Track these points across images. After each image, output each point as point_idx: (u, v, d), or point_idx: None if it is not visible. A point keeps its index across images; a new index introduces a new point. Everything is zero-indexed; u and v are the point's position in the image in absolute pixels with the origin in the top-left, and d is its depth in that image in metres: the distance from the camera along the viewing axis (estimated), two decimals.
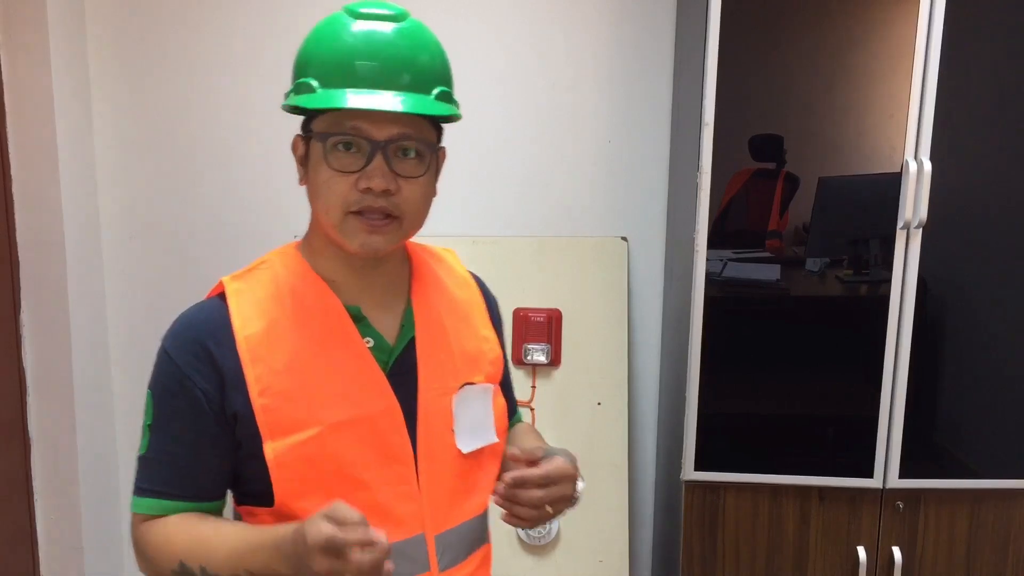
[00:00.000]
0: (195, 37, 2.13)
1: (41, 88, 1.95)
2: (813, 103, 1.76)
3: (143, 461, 1.03)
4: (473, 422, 1.08)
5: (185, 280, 2.22)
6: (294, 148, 1.04)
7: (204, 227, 2.20)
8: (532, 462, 1.03)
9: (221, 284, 1.06)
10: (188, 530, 1.00)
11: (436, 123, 1.03)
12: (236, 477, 1.04)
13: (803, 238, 1.80)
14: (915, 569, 1.87)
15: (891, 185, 1.74)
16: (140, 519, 1.04)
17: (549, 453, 1.05)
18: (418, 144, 0.98)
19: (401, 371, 1.04)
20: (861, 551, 1.85)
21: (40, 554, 2.09)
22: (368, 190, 0.95)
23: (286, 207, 2.19)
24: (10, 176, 1.97)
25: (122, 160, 2.17)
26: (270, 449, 0.97)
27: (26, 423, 2.05)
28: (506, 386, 1.23)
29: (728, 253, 1.82)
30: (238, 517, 1.07)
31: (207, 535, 0.99)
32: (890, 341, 1.77)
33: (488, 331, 1.16)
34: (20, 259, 2.00)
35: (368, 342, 1.03)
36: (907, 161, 1.72)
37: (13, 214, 1.98)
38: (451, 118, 1.04)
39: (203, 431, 1.00)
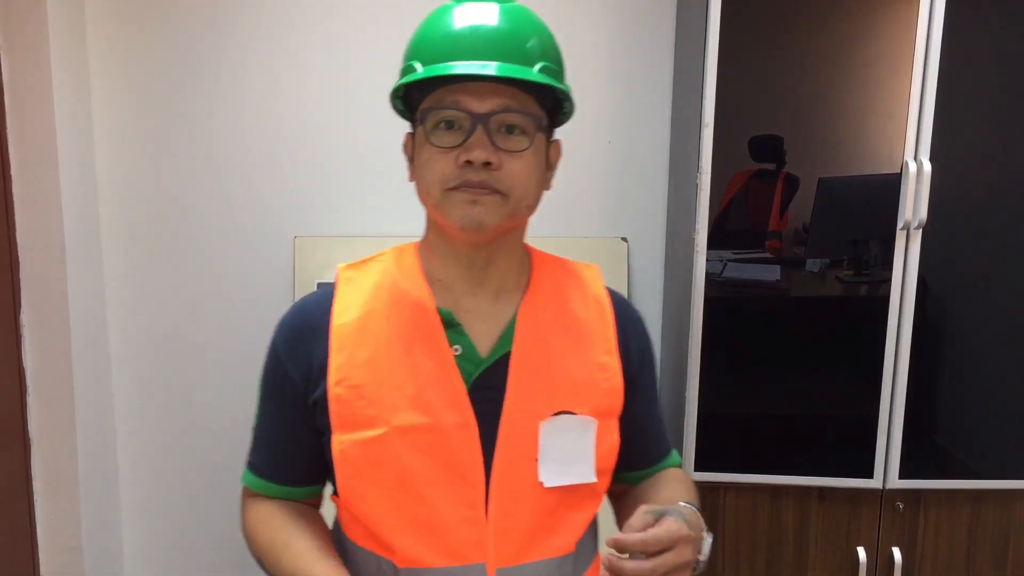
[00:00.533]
0: (195, 37, 2.13)
1: (41, 88, 1.94)
2: (813, 103, 1.76)
3: (254, 435, 1.08)
4: (563, 455, 0.98)
5: (185, 280, 2.22)
6: (405, 147, 1.04)
7: (204, 227, 2.20)
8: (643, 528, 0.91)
9: (338, 274, 1.06)
10: (271, 530, 1.02)
11: (546, 110, 0.99)
12: (326, 466, 1.04)
13: (803, 238, 1.80)
14: (915, 569, 1.87)
15: (891, 185, 1.74)
16: (246, 492, 1.09)
17: (661, 513, 0.92)
18: (521, 117, 0.94)
19: (488, 386, 0.98)
20: (861, 551, 1.85)
21: (40, 554, 2.09)
22: (468, 163, 0.92)
23: (286, 207, 2.19)
24: (10, 176, 1.97)
25: (122, 160, 2.17)
26: (336, 441, 0.96)
27: (26, 423, 2.05)
28: (644, 426, 1.11)
29: (728, 253, 1.82)
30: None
31: (279, 544, 1.00)
32: (890, 341, 1.77)
33: (609, 358, 1.04)
34: (20, 259, 2.00)
35: (456, 350, 0.98)
36: (907, 161, 1.72)
37: (13, 214, 1.98)
38: (561, 108, 1.01)
39: (293, 418, 1.02)
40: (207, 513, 2.29)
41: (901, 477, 1.81)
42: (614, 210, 2.22)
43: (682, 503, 1.00)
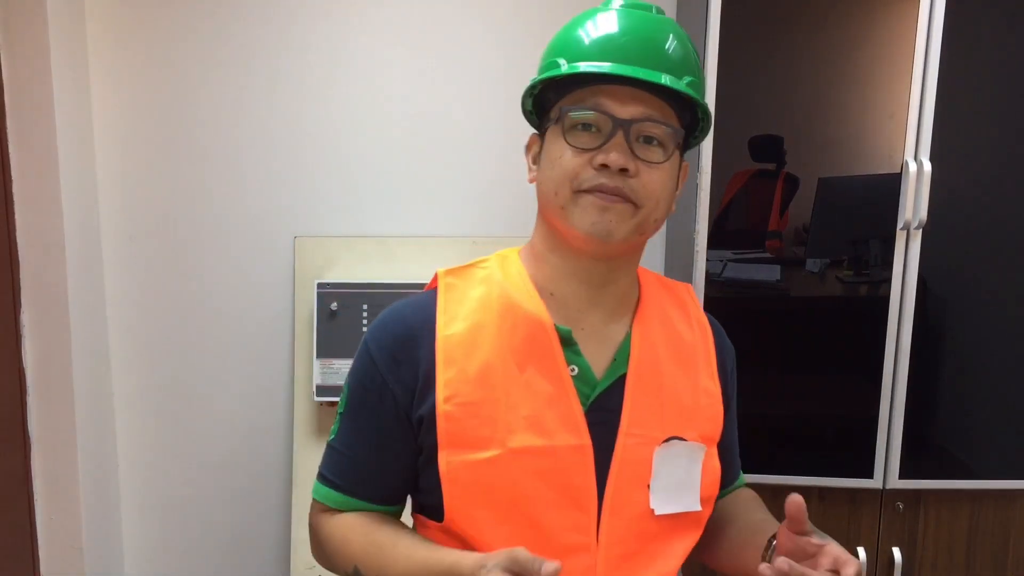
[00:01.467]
0: (195, 37, 2.13)
1: (41, 88, 1.94)
2: (813, 103, 1.76)
3: (330, 448, 1.01)
4: (675, 482, 0.95)
5: (185, 280, 2.22)
6: (528, 147, 1.00)
7: (204, 227, 2.20)
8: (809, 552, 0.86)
9: (436, 277, 1.00)
10: (367, 534, 0.96)
11: (684, 128, 0.96)
12: (415, 485, 0.99)
13: (803, 238, 1.80)
14: (915, 569, 1.87)
15: (891, 185, 1.74)
16: (319, 507, 1.01)
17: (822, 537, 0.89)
18: (663, 129, 0.91)
19: (603, 408, 0.94)
20: (861, 551, 1.85)
21: (40, 554, 2.09)
22: (604, 167, 0.88)
23: (286, 207, 2.19)
24: (10, 176, 1.97)
25: (122, 160, 2.17)
26: (444, 460, 0.91)
27: (26, 423, 2.05)
28: (728, 447, 1.09)
29: (728, 253, 1.82)
30: (413, 525, 1.03)
31: (384, 544, 0.94)
32: (890, 341, 1.77)
33: (711, 383, 1.03)
34: (20, 259, 2.00)
35: (572, 370, 0.94)
36: (907, 161, 1.72)
37: (13, 214, 1.98)
38: (700, 128, 0.98)
39: (389, 434, 0.96)
40: (207, 513, 2.29)
41: (901, 477, 1.81)
42: None
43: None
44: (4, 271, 1.98)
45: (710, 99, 1.74)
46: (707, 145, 1.76)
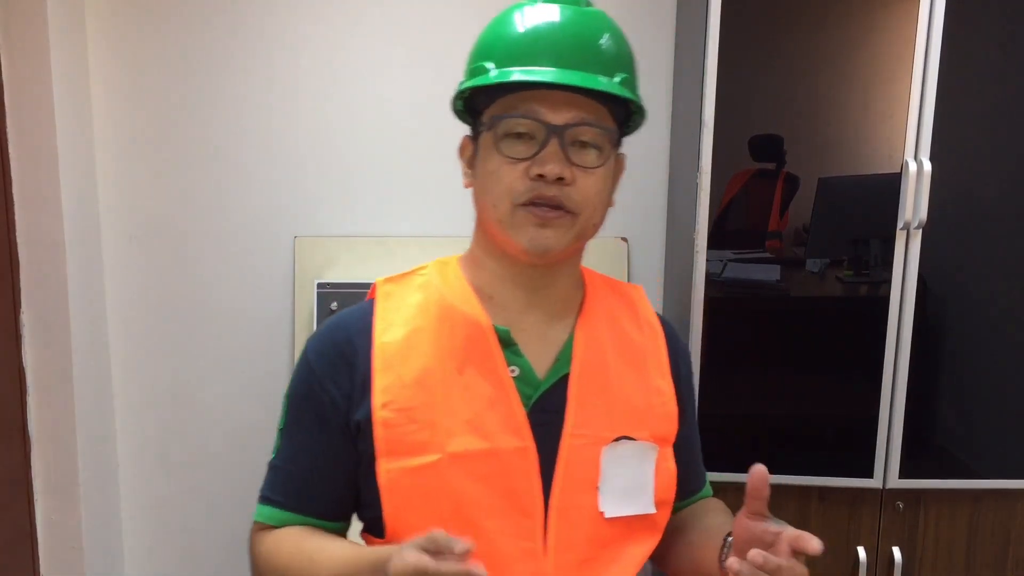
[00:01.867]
0: (195, 37, 2.13)
1: (41, 88, 1.94)
2: (813, 103, 1.76)
3: (271, 467, 0.97)
4: (626, 484, 0.93)
5: (185, 280, 2.22)
6: (462, 150, 0.98)
7: (204, 227, 2.20)
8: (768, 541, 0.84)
9: (374, 287, 0.99)
10: (295, 544, 0.92)
11: (617, 124, 0.94)
12: (358, 500, 0.95)
13: (803, 238, 1.80)
14: (915, 569, 1.87)
15: (891, 185, 1.74)
16: (257, 527, 0.98)
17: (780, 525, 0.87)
18: (598, 132, 0.89)
19: (546, 409, 0.92)
20: (861, 551, 1.85)
21: (40, 554, 2.09)
22: (540, 177, 0.86)
23: (286, 207, 2.19)
24: (10, 176, 1.97)
25: (122, 160, 2.17)
26: (382, 468, 0.89)
27: (26, 423, 2.05)
28: (688, 453, 1.06)
29: (728, 253, 1.82)
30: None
31: (311, 551, 0.91)
32: (890, 341, 1.77)
33: (663, 382, 1.00)
34: (20, 259, 2.00)
35: (513, 371, 0.92)
36: (907, 161, 1.72)
37: (13, 214, 1.98)
38: (634, 120, 0.96)
39: (329, 442, 0.93)
40: (207, 513, 2.29)
41: (901, 477, 1.81)
42: (614, 210, 2.19)
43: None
44: (4, 271, 1.98)
45: (710, 99, 1.74)
46: (707, 145, 1.76)
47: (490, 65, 0.90)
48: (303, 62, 2.14)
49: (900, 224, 1.73)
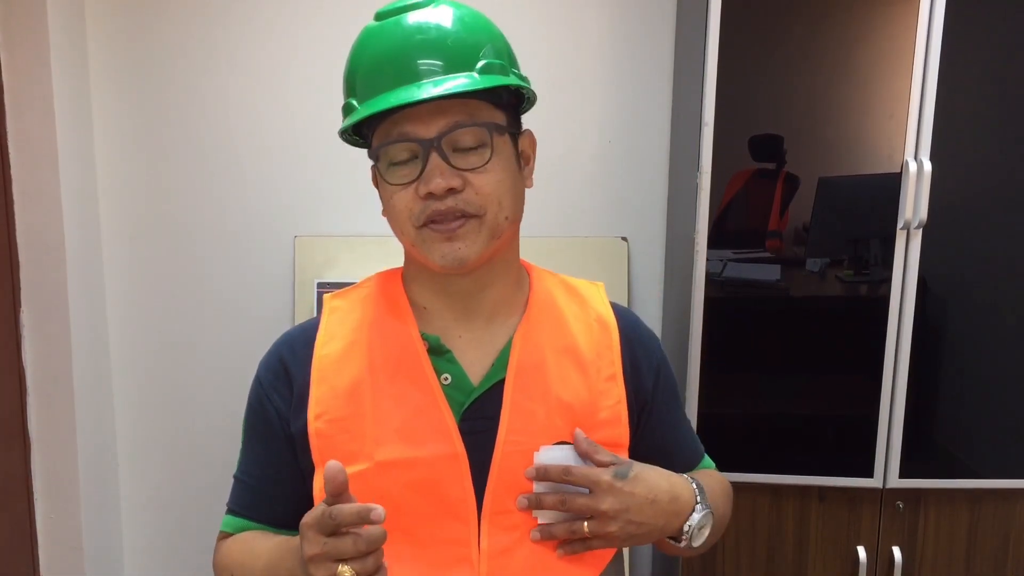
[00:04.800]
0: (195, 37, 2.13)
1: (41, 88, 1.94)
2: (813, 103, 1.76)
3: (234, 481, 1.03)
4: (559, 488, 0.90)
5: (185, 280, 2.22)
6: (374, 181, 0.98)
7: (204, 227, 2.20)
8: (597, 461, 0.89)
9: (324, 305, 1.00)
10: (245, 542, 0.97)
11: (505, 105, 0.92)
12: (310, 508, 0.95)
13: (803, 238, 1.80)
14: (915, 569, 1.87)
15: (891, 185, 1.74)
16: (221, 536, 1.03)
17: (615, 460, 0.90)
18: (475, 131, 0.87)
19: (480, 416, 0.91)
20: (861, 551, 1.85)
21: (40, 554, 2.09)
22: (430, 195, 0.86)
23: (286, 207, 2.19)
24: (10, 176, 1.97)
25: (122, 160, 2.17)
26: (317, 479, 0.90)
27: (26, 423, 2.05)
28: (672, 444, 1.04)
29: (728, 253, 1.82)
30: None
31: (256, 547, 0.94)
32: (890, 341, 1.77)
33: (611, 385, 0.96)
34: (20, 259, 2.00)
35: (445, 379, 0.91)
36: (907, 161, 1.72)
37: (13, 214, 1.98)
38: (527, 97, 0.94)
39: (276, 452, 0.95)
40: (207, 513, 2.29)
41: (901, 477, 1.81)
42: (614, 210, 2.22)
43: (684, 477, 0.95)
44: (4, 271, 1.98)
45: (710, 99, 1.74)
46: (707, 145, 1.76)
47: (354, 101, 0.90)
48: (303, 62, 2.14)
49: (900, 224, 1.73)
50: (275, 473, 0.97)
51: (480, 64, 0.87)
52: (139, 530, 2.31)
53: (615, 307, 1.04)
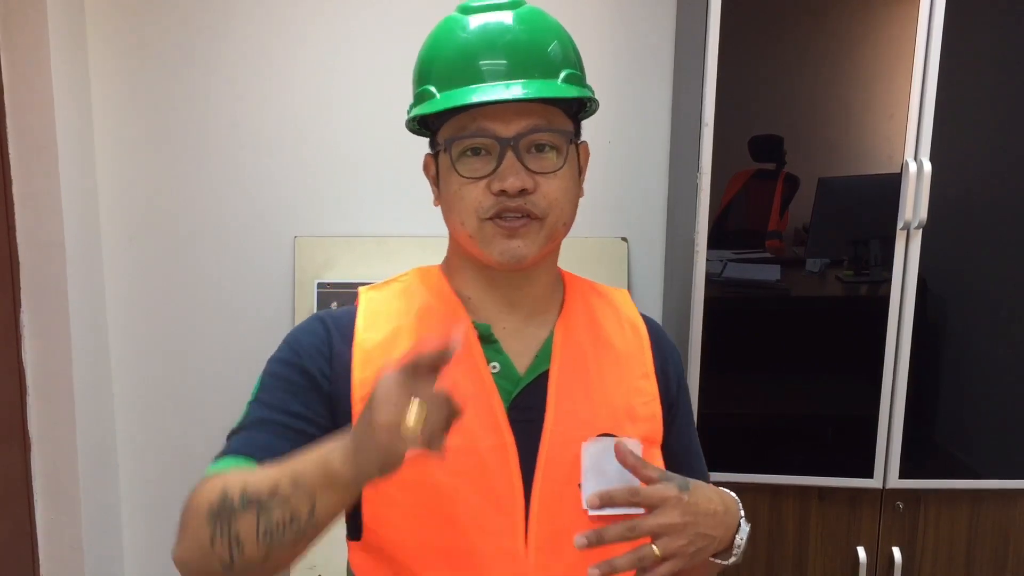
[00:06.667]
0: (195, 37, 2.13)
1: (41, 88, 1.94)
2: (813, 103, 1.76)
3: (230, 435, 0.92)
4: (608, 481, 0.89)
5: (185, 280, 2.22)
6: (426, 168, 0.99)
7: (204, 227, 2.20)
8: (644, 477, 0.87)
9: (358, 295, 0.99)
10: (237, 471, 0.84)
11: (572, 115, 0.95)
12: None
13: (803, 238, 1.80)
14: (915, 569, 1.87)
15: (891, 185, 1.74)
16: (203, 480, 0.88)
17: (665, 475, 0.88)
18: (552, 136, 0.90)
19: (527, 406, 0.92)
20: (861, 551, 1.85)
21: (40, 554, 2.09)
22: (502, 192, 0.87)
23: (286, 207, 2.19)
24: (10, 176, 1.97)
25: (122, 160, 2.17)
26: None
27: (26, 423, 2.05)
28: (684, 452, 1.05)
29: (728, 253, 1.82)
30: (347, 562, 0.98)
31: (254, 469, 0.83)
32: (890, 341, 1.77)
33: (647, 383, 0.99)
34: (20, 259, 2.00)
35: (494, 367, 0.92)
36: (907, 161, 1.72)
37: (13, 214, 1.98)
38: (585, 105, 0.97)
39: (308, 405, 0.90)
40: None
41: (901, 477, 1.81)
42: (614, 210, 2.22)
43: (719, 489, 0.95)
44: (4, 271, 1.98)
45: (710, 99, 1.74)
46: (707, 145, 1.76)
47: (434, 89, 0.91)
48: (303, 62, 2.14)
49: (900, 224, 1.73)
50: (305, 425, 0.89)
51: (563, 73, 0.91)
52: (139, 530, 2.31)
53: (642, 314, 1.07)
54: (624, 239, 2.19)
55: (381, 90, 2.15)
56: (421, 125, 0.98)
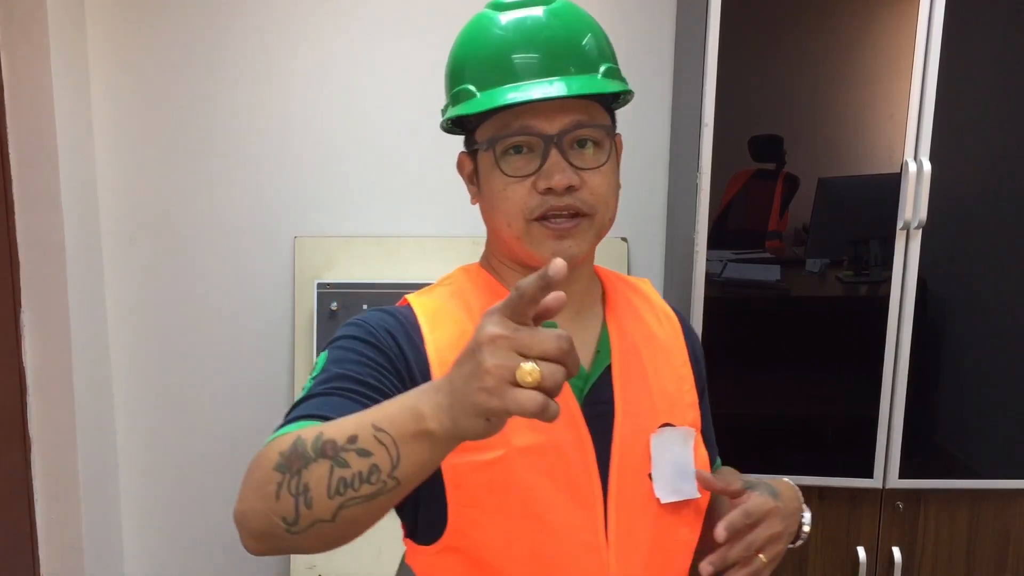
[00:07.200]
0: (195, 37, 2.13)
1: (41, 88, 1.94)
2: (813, 103, 1.76)
3: (292, 408, 0.82)
4: (673, 470, 0.93)
5: (185, 280, 2.22)
6: (460, 167, 0.98)
7: (204, 227, 2.20)
8: (733, 493, 0.91)
9: (405, 300, 0.96)
10: (314, 428, 0.73)
11: (608, 107, 0.94)
12: (407, 498, 0.86)
13: (803, 238, 1.80)
14: (915, 569, 1.87)
15: (891, 185, 1.74)
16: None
17: (749, 484, 0.93)
18: (594, 131, 0.89)
19: (597, 400, 0.92)
20: (861, 551, 1.85)
21: (40, 554, 2.09)
22: (549, 191, 0.87)
23: (286, 207, 2.19)
24: (10, 176, 1.97)
25: (122, 160, 2.17)
26: (448, 463, 0.82)
27: (26, 423, 2.05)
28: (706, 431, 1.07)
29: (728, 253, 1.82)
30: (403, 556, 0.97)
31: (329, 424, 0.74)
32: (890, 341, 1.77)
33: (686, 370, 1.02)
34: (20, 259, 2.00)
35: None
36: (907, 161, 1.72)
37: (13, 214, 1.98)
38: (622, 98, 0.96)
39: (383, 381, 0.84)
40: (207, 513, 2.29)
41: (901, 477, 1.81)
42: None
43: (774, 478, 0.98)
44: (4, 271, 1.98)
45: (710, 99, 1.74)
46: (707, 145, 1.76)
47: (472, 87, 0.90)
48: (303, 62, 2.14)
49: (900, 224, 1.73)
50: (371, 385, 0.83)
51: (603, 68, 0.90)
52: (139, 530, 2.31)
53: (667, 303, 1.09)
54: (624, 239, 2.19)
55: (381, 90, 2.15)
56: (455, 124, 0.97)
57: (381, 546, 2.06)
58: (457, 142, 1.01)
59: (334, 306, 2.06)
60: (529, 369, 0.61)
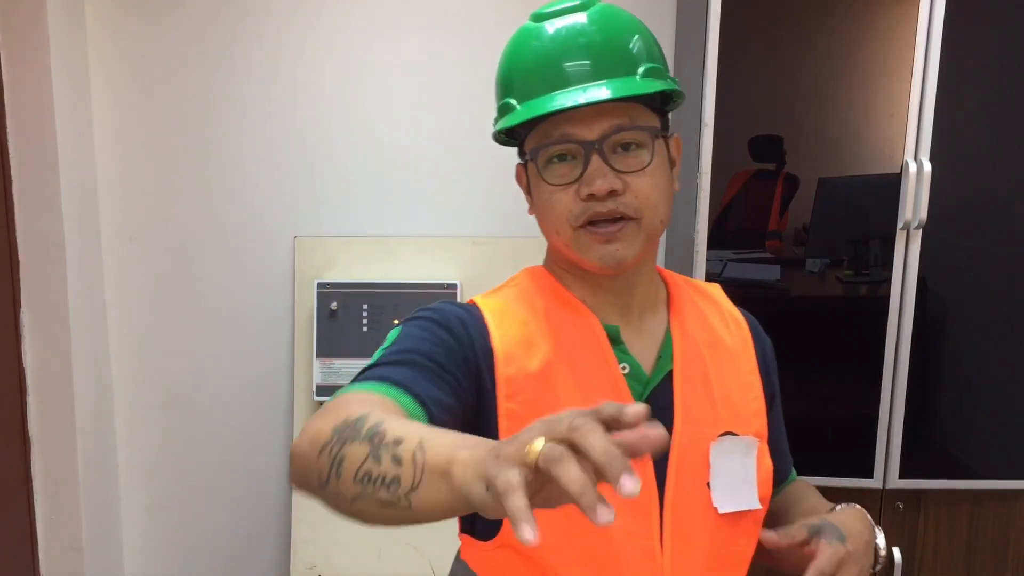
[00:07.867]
0: (195, 37, 2.13)
1: (41, 88, 1.94)
2: (813, 103, 1.76)
3: (364, 369, 0.85)
4: (733, 479, 0.92)
5: (185, 280, 2.22)
6: (518, 179, 0.99)
7: (204, 227, 2.20)
8: (799, 545, 0.89)
9: (472, 300, 0.97)
10: (378, 405, 0.76)
11: (657, 108, 0.93)
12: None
13: (803, 238, 1.80)
14: (915, 569, 1.87)
15: (891, 185, 1.74)
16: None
17: (815, 530, 0.89)
18: (636, 133, 0.88)
19: (656, 406, 0.87)
20: None
21: (40, 554, 2.09)
22: (591, 196, 0.87)
23: (286, 207, 2.19)
24: (10, 176, 1.97)
25: (122, 160, 2.17)
26: None
27: (26, 423, 2.05)
28: (776, 444, 1.06)
29: (728, 253, 1.82)
30: (458, 551, 0.97)
31: (403, 416, 0.76)
32: (890, 341, 1.77)
33: (753, 378, 1.00)
34: (20, 259, 2.00)
35: (624, 368, 0.92)
36: (907, 161, 1.72)
37: (13, 214, 1.98)
38: (669, 98, 0.95)
39: (452, 361, 0.86)
40: (207, 513, 2.29)
41: (901, 477, 1.81)
42: None
43: (842, 505, 0.98)
44: (4, 271, 1.98)
45: (710, 99, 1.74)
46: (707, 145, 1.76)
47: (513, 101, 0.92)
48: (303, 62, 2.14)
49: (900, 224, 1.73)
50: (450, 378, 0.84)
51: (642, 68, 0.90)
52: (139, 530, 2.31)
53: (738, 307, 1.07)
54: None
55: (381, 90, 2.15)
56: (510, 136, 0.98)
57: (381, 546, 2.06)
58: (456, 143, 1.01)
59: (334, 306, 2.06)
60: (535, 444, 0.55)
